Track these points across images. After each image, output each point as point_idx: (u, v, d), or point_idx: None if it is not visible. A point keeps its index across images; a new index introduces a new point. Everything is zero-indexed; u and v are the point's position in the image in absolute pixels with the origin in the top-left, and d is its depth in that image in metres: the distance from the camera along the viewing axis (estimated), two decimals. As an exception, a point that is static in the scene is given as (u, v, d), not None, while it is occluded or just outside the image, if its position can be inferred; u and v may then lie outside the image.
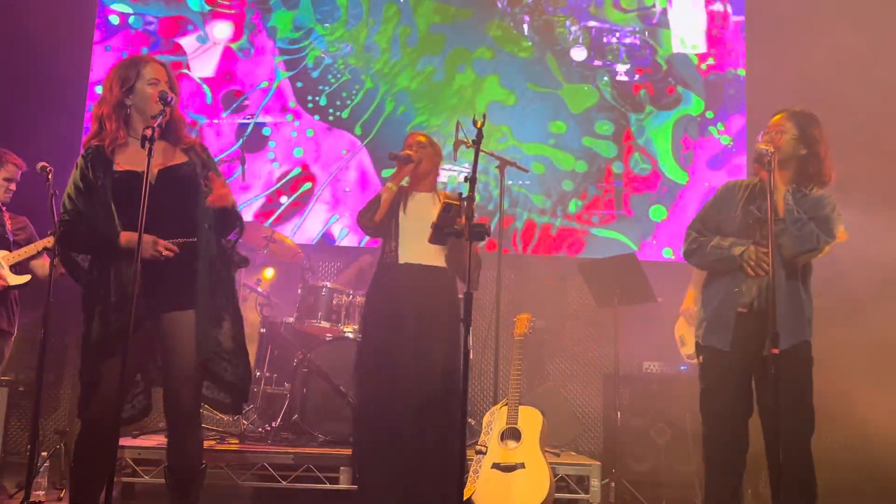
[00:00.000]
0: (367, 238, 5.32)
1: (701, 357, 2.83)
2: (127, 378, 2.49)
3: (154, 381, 2.66)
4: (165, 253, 2.59)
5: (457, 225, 2.66)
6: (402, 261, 3.40)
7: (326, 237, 5.71)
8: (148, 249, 2.55)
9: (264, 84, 5.76)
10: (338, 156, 5.83)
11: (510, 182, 5.99)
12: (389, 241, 3.48)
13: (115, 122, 2.62)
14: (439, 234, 2.83)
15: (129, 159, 2.62)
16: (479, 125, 2.66)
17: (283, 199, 5.77)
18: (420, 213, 3.50)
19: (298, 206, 5.76)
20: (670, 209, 5.60)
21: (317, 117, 5.65)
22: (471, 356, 2.83)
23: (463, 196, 2.60)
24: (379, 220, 3.38)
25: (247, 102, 5.80)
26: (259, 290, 5.14)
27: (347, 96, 5.71)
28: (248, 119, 5.76)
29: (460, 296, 3.48)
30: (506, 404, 3.42)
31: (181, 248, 2.65)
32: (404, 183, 3.53)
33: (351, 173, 5.77)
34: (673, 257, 5.53)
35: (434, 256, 3.41)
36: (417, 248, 3.39)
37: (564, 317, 5.49)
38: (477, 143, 2.67)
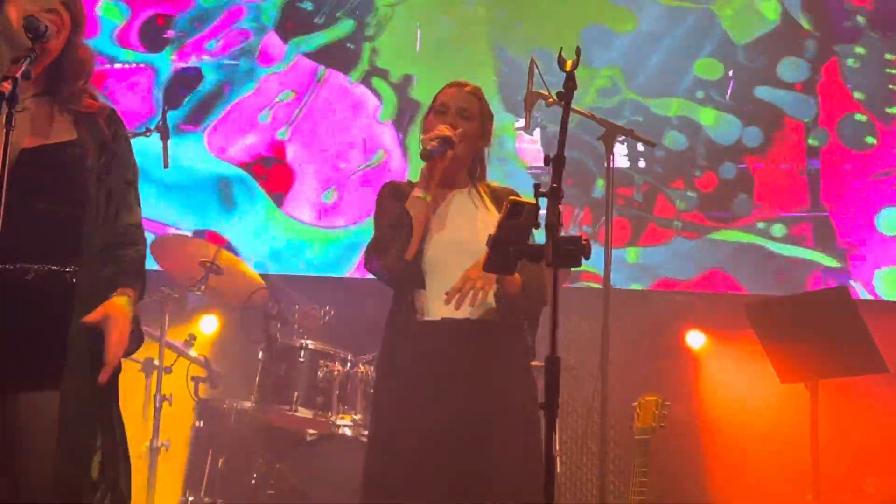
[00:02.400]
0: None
1: None
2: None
3: None
4: None
5: (531, 239, 2.67)
6: (430, 316, 3.46)
7: (308, 258, 5.65)
8: None
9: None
10: (333, 114, 6.16)
11: (622, 164, 5.93)
12: (403, 285, 3.55)
13: None
14: (501, 255, 2.79)
15: None
16: (569, 66, 2.64)
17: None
18: (457, 227, 3.56)
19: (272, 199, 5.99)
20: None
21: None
22: (558, 466, 2.73)
23: (542, 189, 2.55)
24: (413, 257, 3.47)
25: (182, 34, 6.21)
26: (191, 353, 5.19)
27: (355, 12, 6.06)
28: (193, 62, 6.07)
29: (536, 363, 3.48)
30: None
31: (44, 282, 2.73)
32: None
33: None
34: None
35: (488, 300, 3.45)
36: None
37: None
38: (566, 98, 2.64)
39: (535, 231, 2.72)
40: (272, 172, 6.38)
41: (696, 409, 5.87)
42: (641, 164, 6.30)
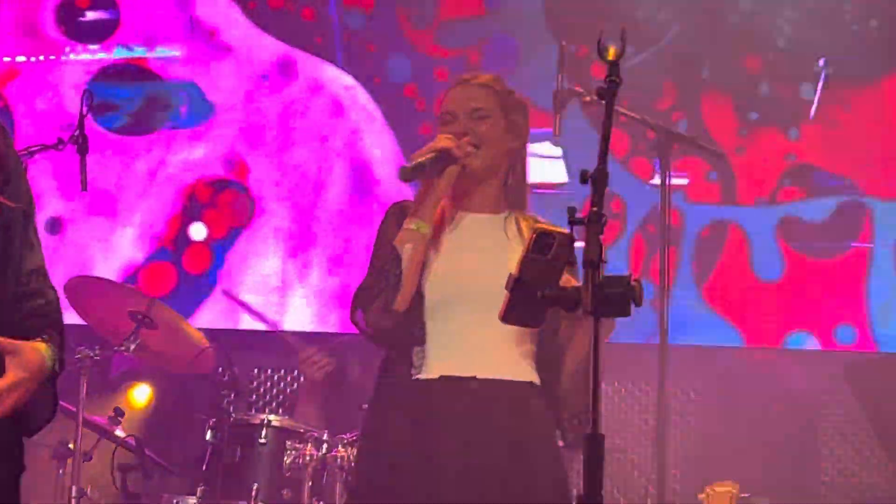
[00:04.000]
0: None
1: None
2: None
3: None
4: None
5: (562, 278, 2.66)
6: (431, 374, 3.49)
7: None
8: None
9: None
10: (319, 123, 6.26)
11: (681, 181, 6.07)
12: (397, 344, 3.58)
13: None
14: (525, 301, 2.77)
15: None
16: (612, 55, 2.62)
17: (193, 231, 6.10)
18: (475, 261, 3.62)
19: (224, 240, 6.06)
20: None
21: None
22: None
23: (578, 215, 2.53)
24: (406, 307, 3.49)
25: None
26: (117, 434, 5.20)
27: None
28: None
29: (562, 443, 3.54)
30: None
31: None
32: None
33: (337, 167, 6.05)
34: None
35: (507, 356, 3.52)
36: (470, 341, 3.50)
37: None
38: (609, 96, 2.63)
39: (564, 266, 2.69)
40: (223, 201, 6.47)
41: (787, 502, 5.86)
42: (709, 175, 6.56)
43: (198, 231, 6.58)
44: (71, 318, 5.04)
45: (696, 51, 6.64)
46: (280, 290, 6.50)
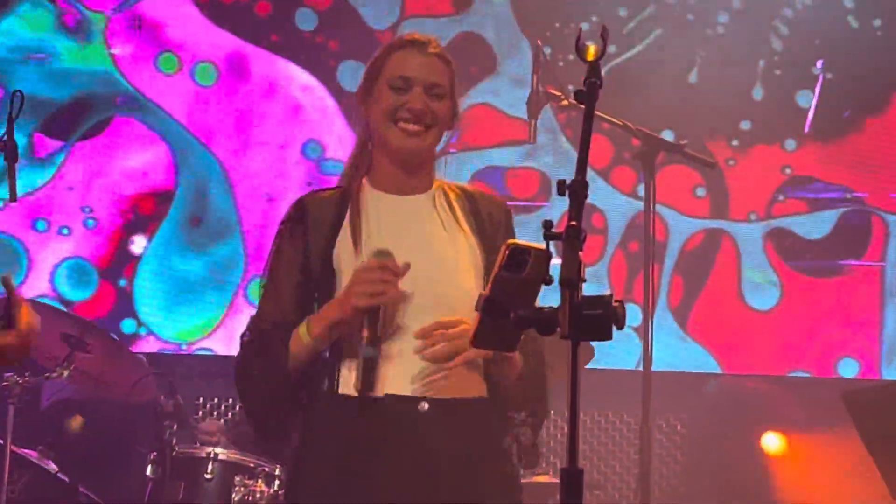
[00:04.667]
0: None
1: None
2: None
3: None
4: None
5: (537, 296, 2.65)
6: (372, 391, 3.37)
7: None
8: None
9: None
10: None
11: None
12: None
13: None
14: (498, 324, 2.78)
15: None
16: (591, 54, 2.64)
17: (135, 243, 6.09)
18: (408, 249, 3.41)
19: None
20: None
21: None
22: None
23: (555, 230, 2.59)
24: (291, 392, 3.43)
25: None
26: (50, 467, 5.21)
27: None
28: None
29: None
30: None
31: None
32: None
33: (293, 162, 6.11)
34: None
35: (466, 377, 3.40)
36: (411, 357, 3.35)
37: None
38: (589, 100, 2.65)
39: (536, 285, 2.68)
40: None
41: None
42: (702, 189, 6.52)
43: (140, 247, 6.56)
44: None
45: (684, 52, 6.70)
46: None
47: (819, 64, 6.58)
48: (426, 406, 3.37)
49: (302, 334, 3.41)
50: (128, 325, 6.53)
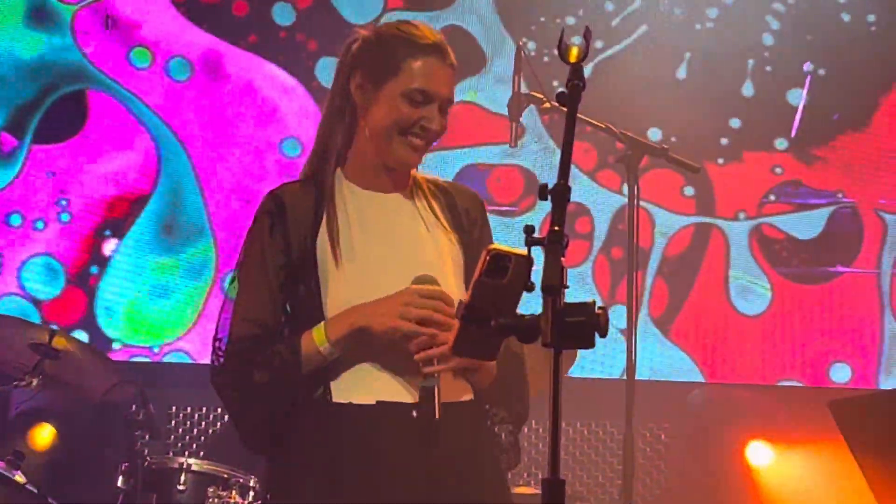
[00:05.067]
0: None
1: None
2: None
3: None
4: None
5: (515, 304, 2.62)
6: (352, 397, 3.39)
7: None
8: None
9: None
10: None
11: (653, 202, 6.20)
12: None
13: None
14: (478, 332, 2.79)
15: None
16: (574, 56, 2.63)
17: (107, 251, 6.15)
18: (388, 253, 3.43)
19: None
20: None
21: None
22: None
23: (537, 235, 2.56)
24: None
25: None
26: (16, 479, 5.09)
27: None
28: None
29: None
30: None
31: None
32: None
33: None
34: None
35: (453, 381, 3.39)
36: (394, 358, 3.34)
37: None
38: (571, 103, 2.63)
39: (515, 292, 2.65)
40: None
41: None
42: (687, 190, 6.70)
43: (110, 248, 6.57)
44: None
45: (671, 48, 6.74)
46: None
47: (806, 66, 6.61)
48: (415, 414, 3.34)
49: (318, 339, 3.35)
50: (99, 328, 6.51)
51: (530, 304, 2.54)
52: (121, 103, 6.72)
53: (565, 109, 2.68)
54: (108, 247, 6.58)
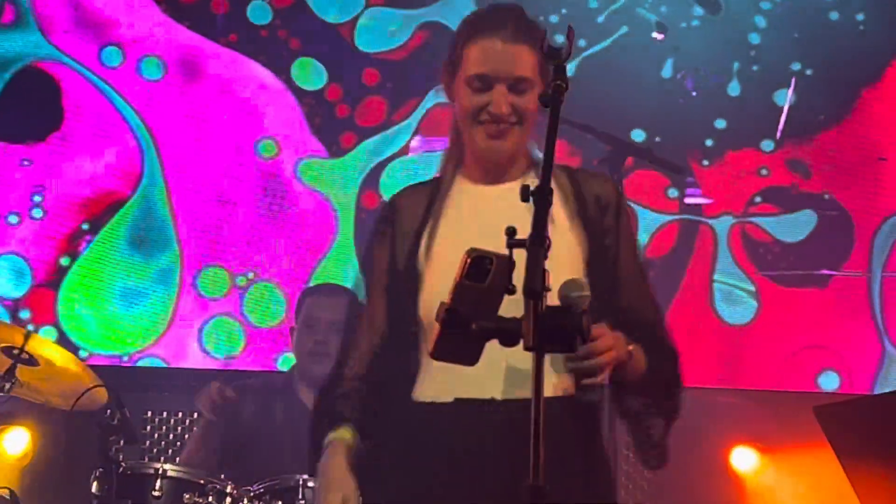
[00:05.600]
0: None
1: None
2: None
3: None
4: None
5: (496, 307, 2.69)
6: (436, 396, 3.36)
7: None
8: None
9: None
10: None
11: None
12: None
13: None
14: (457, 335, 2.79)
15: None
16: (563, 57, 2.71)
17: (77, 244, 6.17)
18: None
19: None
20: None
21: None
22: None
23: (514, 237, 2.62)
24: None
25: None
26: None
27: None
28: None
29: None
30: None
31: None
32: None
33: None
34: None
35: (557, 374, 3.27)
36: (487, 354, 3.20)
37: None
38: (553, 103, 2.70)
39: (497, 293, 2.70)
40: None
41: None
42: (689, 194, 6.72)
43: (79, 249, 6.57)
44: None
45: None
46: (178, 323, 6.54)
47: (794, 66, 6.62)
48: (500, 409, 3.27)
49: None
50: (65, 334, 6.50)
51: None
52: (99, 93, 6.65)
53: (548, 109, 2.68)
54: (80, 247, 6.54)
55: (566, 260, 3.26)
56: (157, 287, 6.57)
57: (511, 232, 2.63)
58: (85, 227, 6.60)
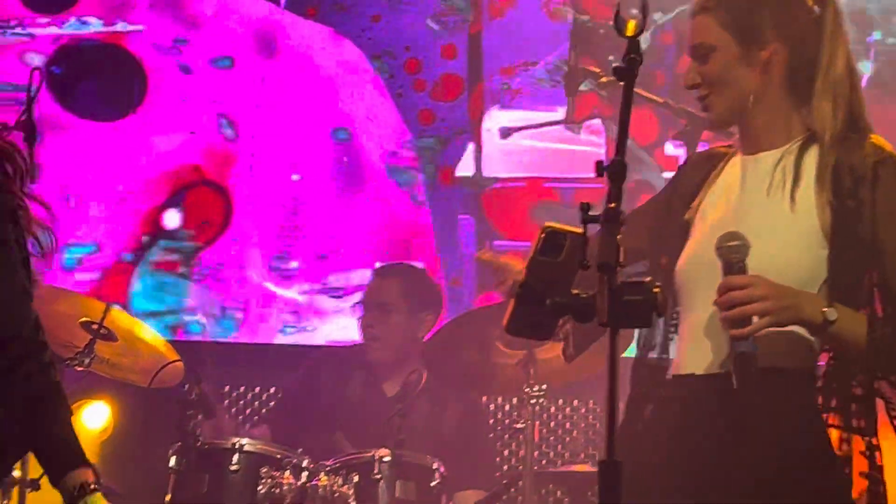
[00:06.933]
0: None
1: None
2: None
3: None
4: None
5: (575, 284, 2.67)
6: (679, 368, 3.36)
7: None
8: None
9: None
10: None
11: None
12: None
13: None
14: (532, 311, 2.81)
15: None
16: (631, 30, 2.66)
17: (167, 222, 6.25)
18: (749, 226, 3.24)
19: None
20: None
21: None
22: None
23: (591, 211, 2.56)
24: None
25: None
26: None
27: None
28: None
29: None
30: None
31: None
32: None
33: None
34: None
35: (777, 343, 3.18)
36: (699, 323, 3.29)
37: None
38: (627, 77, 2.67)
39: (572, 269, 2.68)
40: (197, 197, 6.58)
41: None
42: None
43: (172, 223, 6.66)
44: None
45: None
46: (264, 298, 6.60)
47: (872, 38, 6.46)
48: (735, 384, 3.14)
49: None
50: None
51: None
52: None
53: (622, 84, 2.68)
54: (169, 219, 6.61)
55: (791, 233, 3.24)
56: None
57: (585, 207, 2.62)
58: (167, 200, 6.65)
